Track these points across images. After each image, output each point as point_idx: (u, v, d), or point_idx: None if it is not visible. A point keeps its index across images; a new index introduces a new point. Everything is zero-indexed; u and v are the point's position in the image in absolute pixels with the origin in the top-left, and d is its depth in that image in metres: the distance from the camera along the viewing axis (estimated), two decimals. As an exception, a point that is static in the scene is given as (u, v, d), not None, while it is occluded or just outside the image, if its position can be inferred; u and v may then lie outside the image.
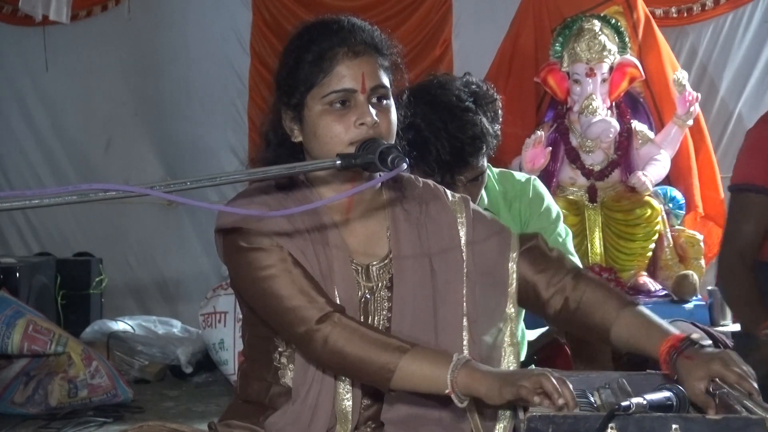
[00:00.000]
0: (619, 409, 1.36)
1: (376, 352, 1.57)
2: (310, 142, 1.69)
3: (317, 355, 1.62)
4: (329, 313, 1.61)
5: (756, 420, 1.35)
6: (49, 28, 5.56)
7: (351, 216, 1.74)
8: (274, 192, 1.72)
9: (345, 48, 1.66)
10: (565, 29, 4.48)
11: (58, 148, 5.80)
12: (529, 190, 2.49)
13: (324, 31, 1.69)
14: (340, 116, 1.64)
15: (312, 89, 1.66)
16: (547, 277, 1.76)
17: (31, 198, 1.20)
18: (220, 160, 5.58)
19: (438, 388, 1.54)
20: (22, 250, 5.74)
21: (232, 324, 4.36)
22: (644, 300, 4.18)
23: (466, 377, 1.52)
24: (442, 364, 1.54)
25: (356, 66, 1.65)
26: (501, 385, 1.49)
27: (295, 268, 1.65)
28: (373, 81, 1.66)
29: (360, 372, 1.60)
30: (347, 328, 1.59)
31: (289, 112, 1.71)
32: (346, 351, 1.58)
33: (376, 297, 1.73)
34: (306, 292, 1.63)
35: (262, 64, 5.50)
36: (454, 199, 1.82)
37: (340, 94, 1.65)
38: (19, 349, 4.07)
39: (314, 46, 1.67)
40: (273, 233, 1.66)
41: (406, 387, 1.59)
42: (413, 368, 1.56)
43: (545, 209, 2.48)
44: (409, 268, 1.73)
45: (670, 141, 4.45)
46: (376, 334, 1.60)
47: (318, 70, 1.65)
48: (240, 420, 1.76)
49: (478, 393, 1.52)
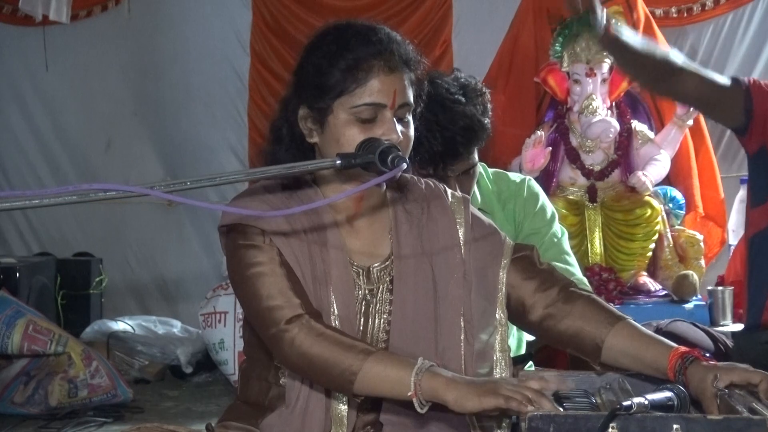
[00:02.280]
0: (621, 409, 1.36)
1: (340, 354, 1.55)
2: (329, 147, 1.67)
3: (285, 356, 1.60)
4: (299, 315, 1.59)
5: (757, 421, 1.34)
6: (49, 28, 5.56)
7: (356, 218, 1.74)
8: (278, 191, 1.71)
9: (381, 61, 1.64)
10: (565, 29, 4.48)
11: (58, 148, 5.80)
12: (524, 191, 2.49)
13: (361, 39, 1.66)
14: (367, 129, 1.64)
15: (341, 96, 1.64)
16: (534, 285, 1.75)
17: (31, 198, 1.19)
18: (220, 160, 5.58)
19: (401, 392, 1.51)
20: (22, 250, 5.74)
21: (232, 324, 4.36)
22: (644, 300, 4.19)
23: (431, 381, 1.49)
24: (406, 367, 1.51)
25: (390, 81, 1.65)
26: (480, 394, 1.46)
27: (280, 268, 1.64)
28: (402, 98, 1.66)
29: (324, 375, 1.57)
30: (314, 330, 1.58)
31: (311, 113, 1.69)
32: (312, 353, 1.56)
33: (378, 299, 1.72)
34: (284, 293, 1.62)
35: (262, 64, 5.51)
36: (454, 200, 1.82)
37: (370, 108, 1.64)
38: (19, 349, 4.07)
39: (349, 54, 1.65)
40: (270, 232, 1.66)
41: (369, 391, 1.56)
42: (376, 371, 1.53)
43: (540, 209, 2.48)
44: (410, 268, 1.73)
45: (670, 141, 4.45)
46: (342, 337, 1.58)
47: (352, 79, 1.64)
48: (238, 421, 1.75)
49: (444, 399, 1.48)
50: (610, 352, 1.67)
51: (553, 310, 1.73)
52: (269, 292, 1.62)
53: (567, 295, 1.73)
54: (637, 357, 1.65)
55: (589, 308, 1.71)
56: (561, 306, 1.72)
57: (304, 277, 1.66)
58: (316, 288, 1.67)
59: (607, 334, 1.67)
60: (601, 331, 1.67)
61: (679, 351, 1.60)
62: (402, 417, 1.67)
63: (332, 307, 1.67)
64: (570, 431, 1.36)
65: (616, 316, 1.70)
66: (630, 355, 1.66)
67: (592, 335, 1.68)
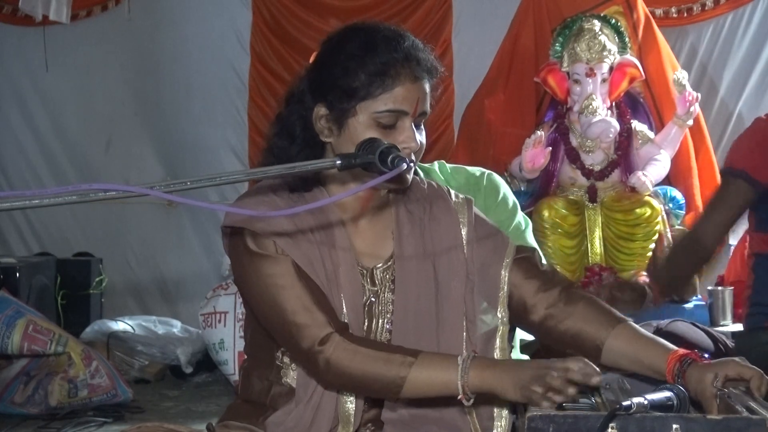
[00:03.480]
0: (620, 409, 1.36)
1: (382, 367, 1.58)
2: (343, 148, 1.66)
3: (320, 376, 1.64)
4: (330, 335, 1.61)
5: (757, 420, 1.35)
6: (49, 28, 5.57)
7: (362, 219, 1.74)
8: (284, 192, 1.71)
9: (408, 69, 1.65)
10: (565, 29, 4.48)
11: (58, 148, 5.80)
12: (483, 182, 2.47)
13: (389, 44, 1.66)
14: (386, 134, 1.64)
15: (366, 100, 1.64)
16: (535, 285, 1.76)
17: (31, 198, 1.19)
18: (220, 160, 5.58)
19: (449, 393, 1.57)
20: (22, 250, 5.75)
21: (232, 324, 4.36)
22: (644, 300, 4.19)
23: (476, 379, 1.55)
24: (451, 369, 1.56)
25: (415, 90, 1.65)
26: (516, 387, 1.51)
27: (299, 281, 1.64)
28: (423, 107, 1.67)
29: (367, 388, 1.63)
30: (348, 348, 1.60)
31: (330, 112, 1.68)
32: (351, 371, 1.59)
33: (381, 300, 1.73)
34: (309, 309, 1.62)
35: (262, 64, 5.51)
36: (458, 200, 1.82)
37: (392, 115, 1.64)
38: (19, 349, 4.06)
39: (378, 58, 1.64)
40: (277, 234, 1.66)
41: (415, 395, 1.62)
42: (422, 377, 1.57)
43: (501, 201, 2.46)
44: (412, 269, 1.73)
45: (670, 141, 4.45)
46: (377, 351, 1.61)
47: (378, 83, 1.63)
48: (239, 420, 1.75)
49: (492, 390, 1.55)
50: (610, 353, 1.68)
51: (554, 310, 1.73)
52: (292, 306, 1.63)
53: (568, 296, 1.74)
54: (635, 359, 1.66)
55: (589, 310, 1.72)
56: (562, 307, 1.73)
57: (318, 278, 1.66)
58: (329, 287, 1.67)
59: (608, 336, 1.68)
60: (602, 333, 1.69)
61: (677, 354, 1.61)
62: (403, 415, 1.69)
63: (343, 307, 1.68)
64: (569, 431, 1.36)
65: (616, 318, 1.71)
66: (629, 357, 1.67)
67: (593, 337, 1.69)
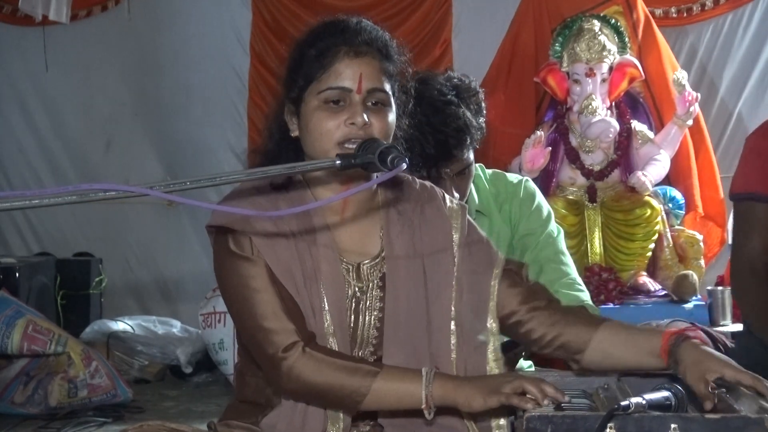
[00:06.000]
0: (618, 409, 1.36)
1: (346, 378, 1.59)
2: (304, 138, 1.69)
3: (282, 382, 1.63)
4: (295, 343, 1.61)
5: (755, 419, 1.35)
6: (49, 28, 5.57)
7: (345, 215, 1.74)
8: (267, 191, 1.71)
9: (347, 47, 1.66)
10: (565, 29, 4.48)
11: (58, 148, 5.80)
12: (521, 191, 2.49)
13: (330, 29, 1.69)
14: (333, 114, 1.64)
15: (311, 84, 1.66)
16: (521, 296, 1.77)
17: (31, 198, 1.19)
18: (220, 160, 5.58)
19: (411, 404, 1.58)
20: (22, 250, 5.74)
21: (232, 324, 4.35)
22: (644, 300, 4.20)
23: (441, 389, 1.57)
24: (415, 380, 1.58)
25: (356, 65, 1.65)
26: (484, 394, 1.54)
27: (272, 286, 1.65)
28: (370, 83, 1.65)
29: (327, 399, 1.63)
30: (313, 358, 1.60)
31: (290, 106, 1.71)
32: (313, 380, 1.60)
33: (368, 296, 1.72)
34: (278, 315, 1.63)
35: (262, 64, 5.51)
36: (452, 205, 1.81)
37: (335, 92, 1.64)
38: (19, 349, 4.06)
39: (319, 42, 1.67)
40: (256, 235, 1.66)
41: (375, 407, 1.63)
42: (386, 387, 1.58)
43: (536, 209, 2.47)
44: (402, 268, 1.73)
45: (669, 141, 4.45)
46: (343, 361, 1.62)
47: (318, 65, 1.66)
48: (239, 419, 1.75)
49: (454, 402, 1.57)
50: (601, 345, 1.69)
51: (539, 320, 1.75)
52: (263, 311, 1.64)
53: (554, 307, 1.76)
54: (628, 344, 1.68)
55: (574, 316, 1.75)
56: (547, 315, 1.75)
57: (294, 276, 1.66)
58: (308, 285, 1.67)
59: (595, 332, 1.70)
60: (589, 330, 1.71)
61: (671, 330, 1.63)
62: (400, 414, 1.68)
63: (323, 303, 1.67)
64: (568, 431, 1.36)
65: (601, 319, 1.75)
66: (622, 343, 1.68)
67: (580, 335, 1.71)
